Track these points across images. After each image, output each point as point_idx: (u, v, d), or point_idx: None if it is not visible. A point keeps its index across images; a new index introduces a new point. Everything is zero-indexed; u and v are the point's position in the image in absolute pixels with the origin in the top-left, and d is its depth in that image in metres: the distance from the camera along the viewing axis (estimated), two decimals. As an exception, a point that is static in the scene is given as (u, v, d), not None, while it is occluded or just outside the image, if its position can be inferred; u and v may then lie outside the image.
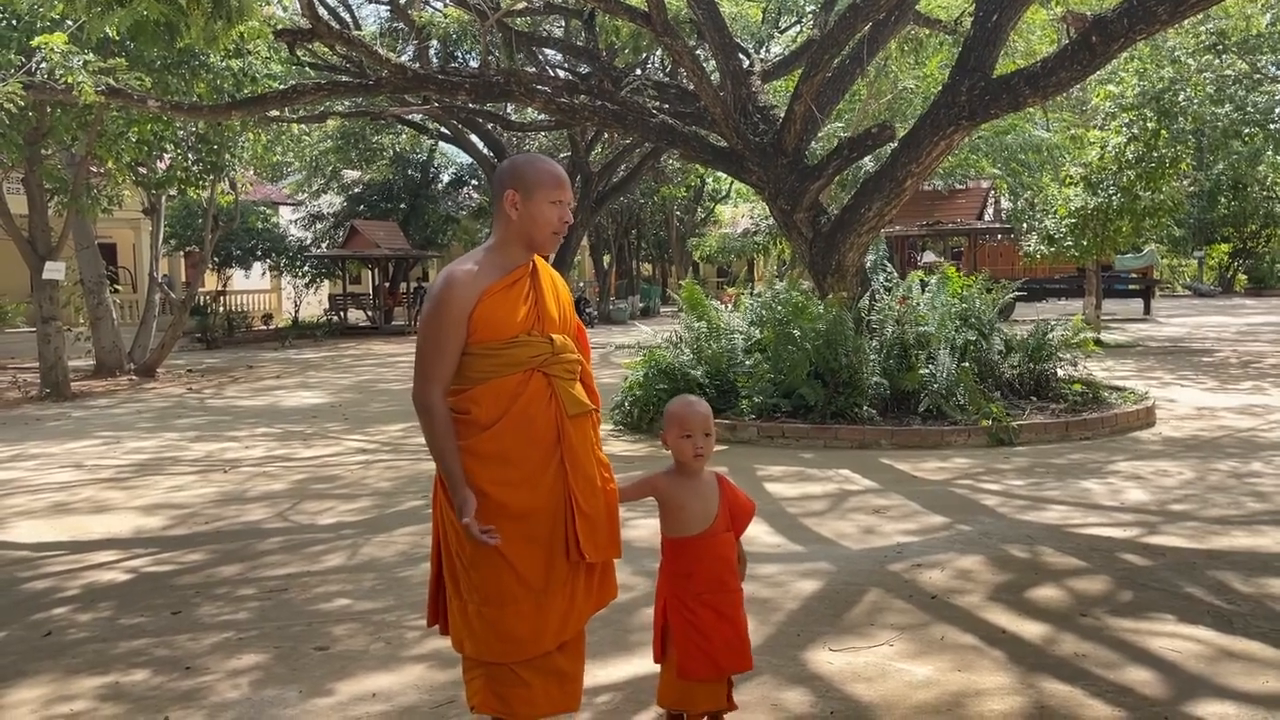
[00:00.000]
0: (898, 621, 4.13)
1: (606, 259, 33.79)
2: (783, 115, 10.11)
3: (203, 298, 22.46)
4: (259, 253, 25.38)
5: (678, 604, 2.95)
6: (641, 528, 5.44)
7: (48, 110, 12.22)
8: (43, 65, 9.26)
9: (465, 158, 28.32)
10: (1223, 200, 33.41)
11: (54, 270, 13.34)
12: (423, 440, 2.77)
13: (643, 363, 9.38)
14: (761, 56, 14.33)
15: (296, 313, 27.16)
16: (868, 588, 4.57)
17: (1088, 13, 8.56)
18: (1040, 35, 14.55)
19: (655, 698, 3.14)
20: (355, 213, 28.34)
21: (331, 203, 30.00)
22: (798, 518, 5.90)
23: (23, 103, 9.53)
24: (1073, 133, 19.21)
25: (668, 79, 15.49)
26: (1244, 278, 39.02)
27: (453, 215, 29.82)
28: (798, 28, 20.45)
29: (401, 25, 17.69)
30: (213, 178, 15.51)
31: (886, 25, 10.47)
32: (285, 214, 30.05)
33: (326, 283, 28.54)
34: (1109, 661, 3.67)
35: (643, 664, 3.64)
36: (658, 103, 12.39)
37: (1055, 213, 17.37)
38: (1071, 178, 16.92)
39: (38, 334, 13.53)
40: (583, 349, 2.92)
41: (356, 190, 29.40)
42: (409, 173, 29.06)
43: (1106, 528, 5.53)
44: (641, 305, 31.37)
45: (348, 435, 9.56)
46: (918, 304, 9.21)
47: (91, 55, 9.29)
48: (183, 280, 24.54)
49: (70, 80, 8.90)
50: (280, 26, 11.42)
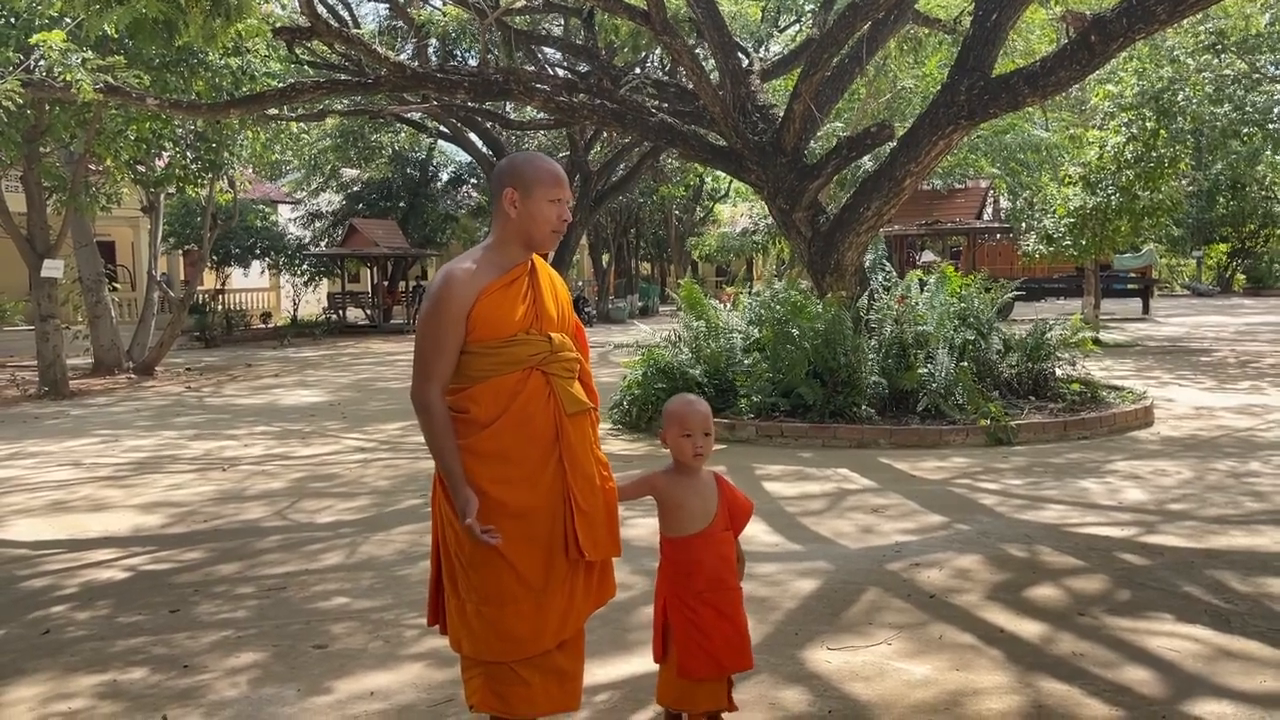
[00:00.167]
0: (896, 620, 4.13)
1: (605, 258, 33.78)
2: (782, 114, 10.11)
3: (201, 296, 22.44)
4: (258, 251, 25.36)
5: (678, 603, 2.95)
6: (640, 526, 5.45)
7: (46, 108, 12.21)
8: (41, 63, 9.24)
9: (464, 156, 28.31)
10: (1221, 200, 33.42)
11: (52, 268, 13.34)
12: (421, 439, 2.76)
13: (641, 362, 9.38)
14: (761, 55, 14.32)
15: (295, 311, 27.15)
16: (866, 587, 4.57)
17: (1087, 12, 8.56)
18: (1039, 35, 14.55)
19: (654, 696, 3.14)
20: (354, 211, 28.34)
21: (330, 201, 29.99)
22: (796, 517, 5.91)
23: (21, 100, 9.52)
24: (1072, 132, 19.20)
25: (667, 78, 15.48)
26: (1242, 277, 39.04)
27: (452, 214, 29.82)
28: (797, 27, 20.44)
29: (400, 23, 17.69)
30: (211, 176, 15.51)
31: (886, 24, 10.48)
32: (284, 212, 30.04)
33: (325, 281, 28.55)
34: (1107, 661, 3.67)
35: (642, 662, 3.64)
36: (657, 101, 12.38)
37: (1054, 212, 17.37)
38: (1070, 177, 16.91)
39: (36, 332, 13.52)
40: (581, 348, 2.91)
41: (355, 189, 29.39)
42: (408, 171, 29.05)
43: (1104, 527, 5.54)
44: (640, 304, 31.36)
45: (346, 434, 9.56)
46: (916, 303, 9.21)
47: (90, 53, 9.27)
48: (181, 278, 24.52)
49: (69, 78, 8.89)
50: (279, 24, 11.40)
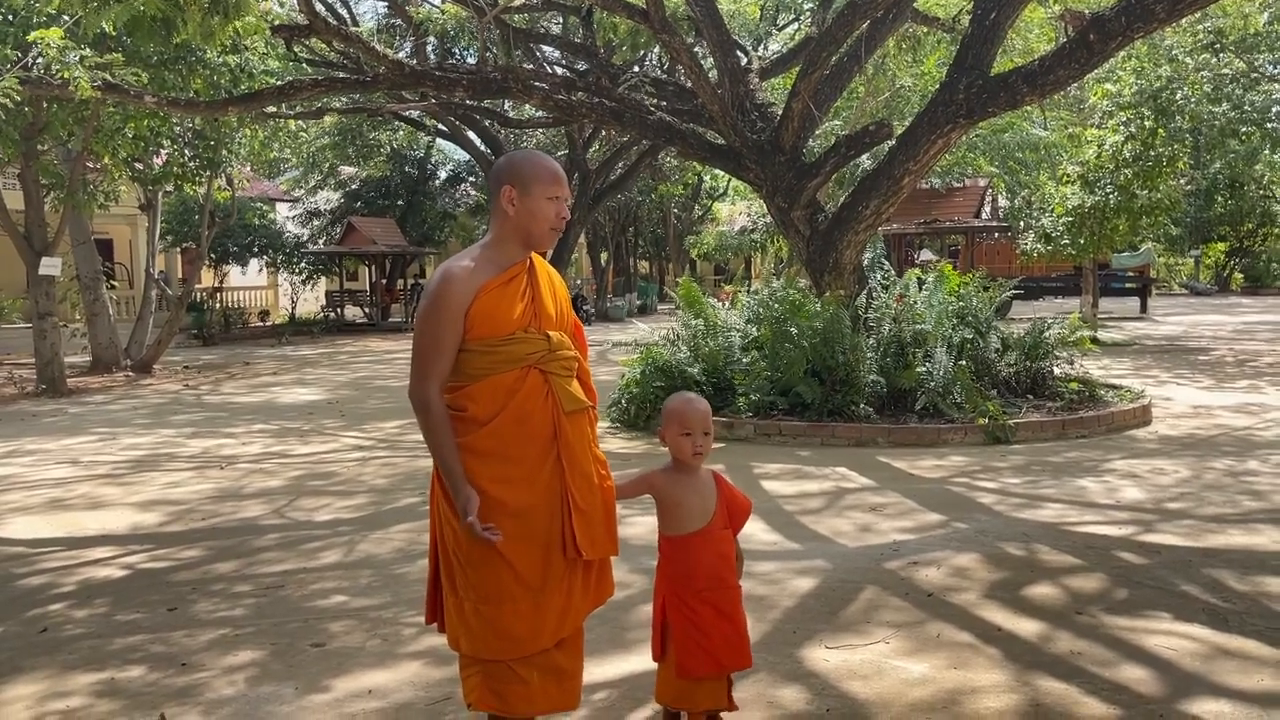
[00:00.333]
0: (894, 619, 4.13)
1: (604, 256, 33.78)
2: (780, 113, 10.11)
3: (199, 294, 22.44)
4: (256, 249, 25.33)
5: (677, 602, 2.95)
6: (638, 525, 5.45)
7: (44, 105, 12.19)
8: (39, 60, 9.23)
9: (463, 154, 28.29)
10: (1219, 199, 33.47)
11: (50, 266, 13.32)
12: (419, 437, 2.76)
13: (640, 360, 9.38)
14: (759, 54, 14.31)
15: (293, 309, 27.13)
16: (864, 585, 4.57)
17: (1086, 11, 8.56)
18: (1038, 33, 14.55)
19: (653, 695, 3.14)
20: (352, 209, 28.32)
21: (328, 199, 29.96)
22: (794, 515, 5.91)
23: (19, 98, 9.51)
24: (1070, 131, 19.21)
25: (665, 76, 15.48)
26: (1240, 276, 39.08)
27: (450, 212, 29.80)
28: (795, 25, 20.45)
29: (399, 21, 17.69)
30: (209, 174, 15.50)
31: (884, 23, 10.48)
32: (282, 210, 30.00)
33: (323, 279, 28.52)
34: (1104, 659, 3.67)
35: (640, 661, 3.64)
36: (655, 100, 12.38)
37: (1052, 211, 17.37)
38: (1069, 176, 16.92)
39: (34, 330, 13.51)
40: (580, 346, 2.91)
41: (354, 187, 29.36)
42: (406, 169, 29.02)
43: (1102, 526, 5.54)
44: (639, 303, 31.36)
45: (344, 432, 9.56)
46: (915, 302, 9.21)
47: (88, 50, 9.26)
48: (179, 276, 24.48)
49: (66, 75, 8.87)
50: (277, 22, 11.39)
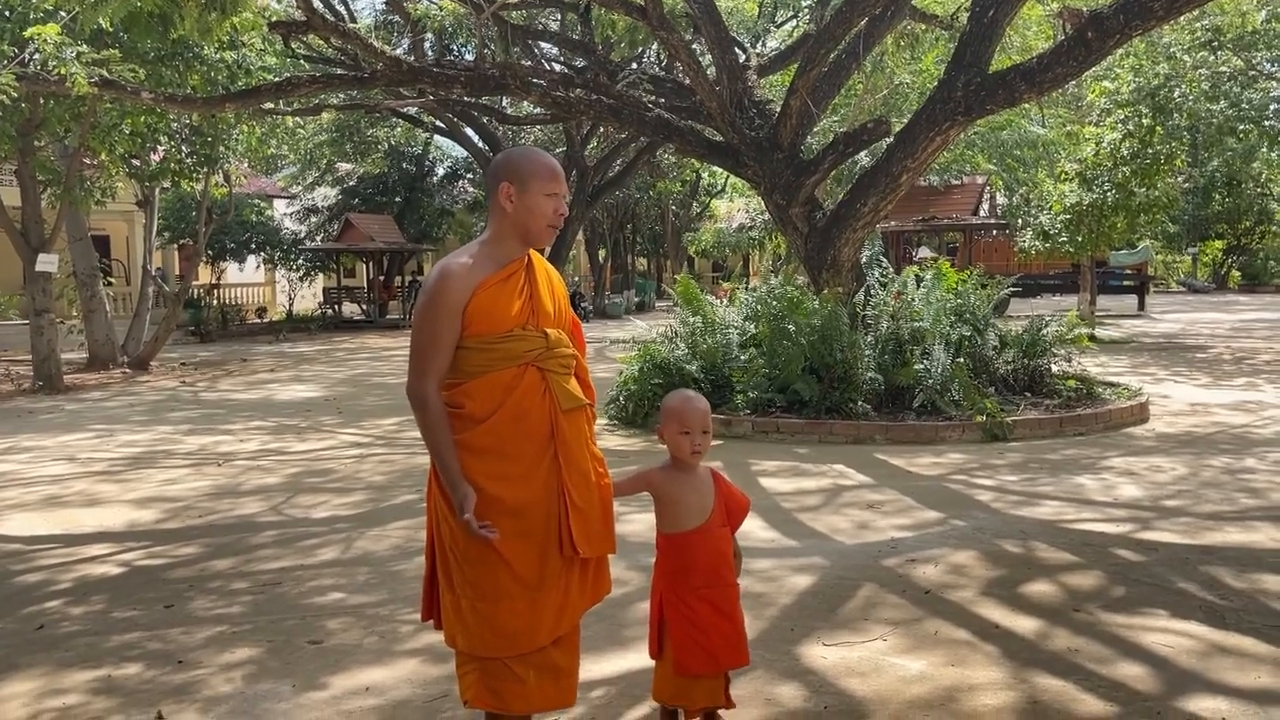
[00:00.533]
0: (891, 616, 4.13)
1: (602, 253, 33.75)
2: (778, 110, 10.10)
3: (196, 291, 22.39)
4: (253, 246, 25.29)
5: (675, 600, 2.95)
6: (635, 522, 5.44)
7: (41, 102, 12.17)
8: (36, 56, 9.20)
9: (460, 151, 28.25)
10: (1217, 197, 33.52)
11: (47, 263, 13.30)
12: (417, 434, 2.76)
13: (638, 357, 9.38)
14: (758, 51, 14.30)
15: (291, 306, 27.09)
16: (862, 583, 4.57)
17: (1084, 8, 8.55)
18: (1036, 31, 14.53)
19: (650, 692, 3.14)
20: (350, 206, 28.28)
21: (326, 196, 29.93)
22: (792, 513, 5.91)
23: (16, 94, 9.48)
24: (1068, 129, 19.23)
25: (664, 73, 15.45)
26: (1238, 274, 39.15)
27: (448, 209, 29.76)
28: (794, 22, 20.43)
29: (397, 18, 17.66)
30: (207, 170, 15.47)
31: (883, 20, 10.47)
32: (279, 207, 29.96)
33: (321, 276, 28.47)
34: (1102, 657, 3.68)
35: (638, 658, 3.64)
36: (654, 97, 12.36)
37: (1050, 208, 17.37)
38: (1066, 173, 16.92)
39: (30, 326, 13.49)
40: (578, 344, 2.90)
41: (351, 183, 29.33)
42: (404, 166, 28.99)
43: (1100, 523, 5.55)
44: (637, 300, 31.36)
45: (342, 429, 9.55)
46: (913, 299, 9.21)
47: (85, 46, 9.23)
48: (176, 273, 24.45)
49: (63, 71, 8.85)
50: (275, 19, 11.37)
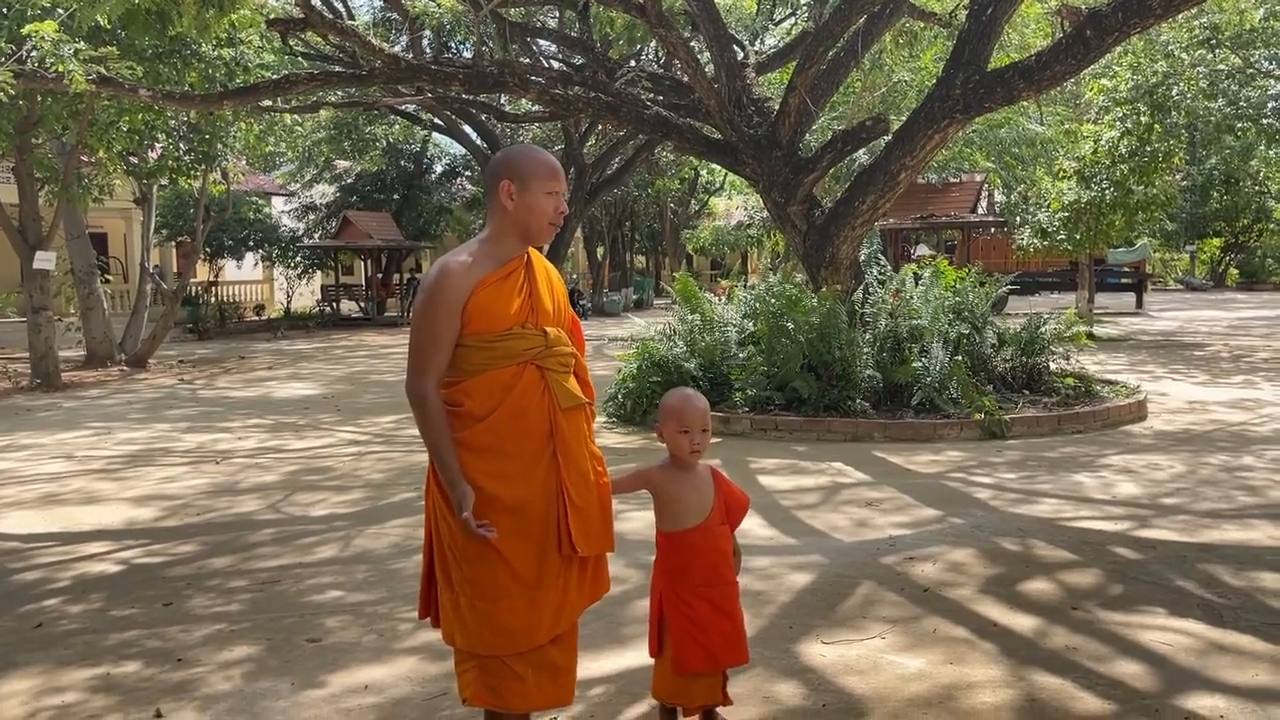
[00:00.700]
0: (890, 614, 4.14)
1: (600, 251, 33.73)
2: (777, 108, 10.10)
3: (194, 288, 22.36)
4: (251, 243, 25.27)
5: (674, 598, 2.95)
6: (634, 520, 5.45)
7: (38, 99, 12.15)
8: (33, 53, 9.18)
9: (458, 148, 28.22)
10: (1215, 195, 33.54)
11: (44, 260, 13.28)
12: (415, 432, 2.76)
13: (636, 355, 9.37)
14: (756, 49, 14.29)
15: (289, 303, 27.07)
16: (860, 580, 4.58)
17: (1082, 6, 8.55)
18: (1035, 29, 14.52)
19: (649, 690, 3.14)
20: (348, 203, 28.25)
21: (324, 193, 29.89)
22: (790, 510, 5.91)
23: (13, 91, 9.46)
24: (1066, 127, 19.22)
25: (662, 71, 15.44)
26: (1235, 272, 39.18)
27: (446, 206, 29.74)
28: (792, 20, 20.41)
29: (395, 15, 17.62)
30: (204, 167, 15.45)
31: (881, 18, 10.46)
32: (278, 204, 29.93)
33: (319, 273, 28.46)
34: (1100, 654, 3.68)
35: (636, 656, 3.64)
36: (652, 94, 12.35)
37: (1048, 206, 17.38)
38: (1065, 171, 16.93)
39: (28, 324, 13.47)
40: (577, 342, 2.90)
41: (349, 181, 29.30)
42: (402, 163, 28.96)
43: (1098, 521, 5.56)
44: (635, 297, 31.36)
45: (340, 427, 9.55)
46: (911, 297, 9.21)
47: (82, 44, 9.22)
48: (174, 270, 24.43)
49: (61, 69, 8.83)
50: (272, 16, 11.36)
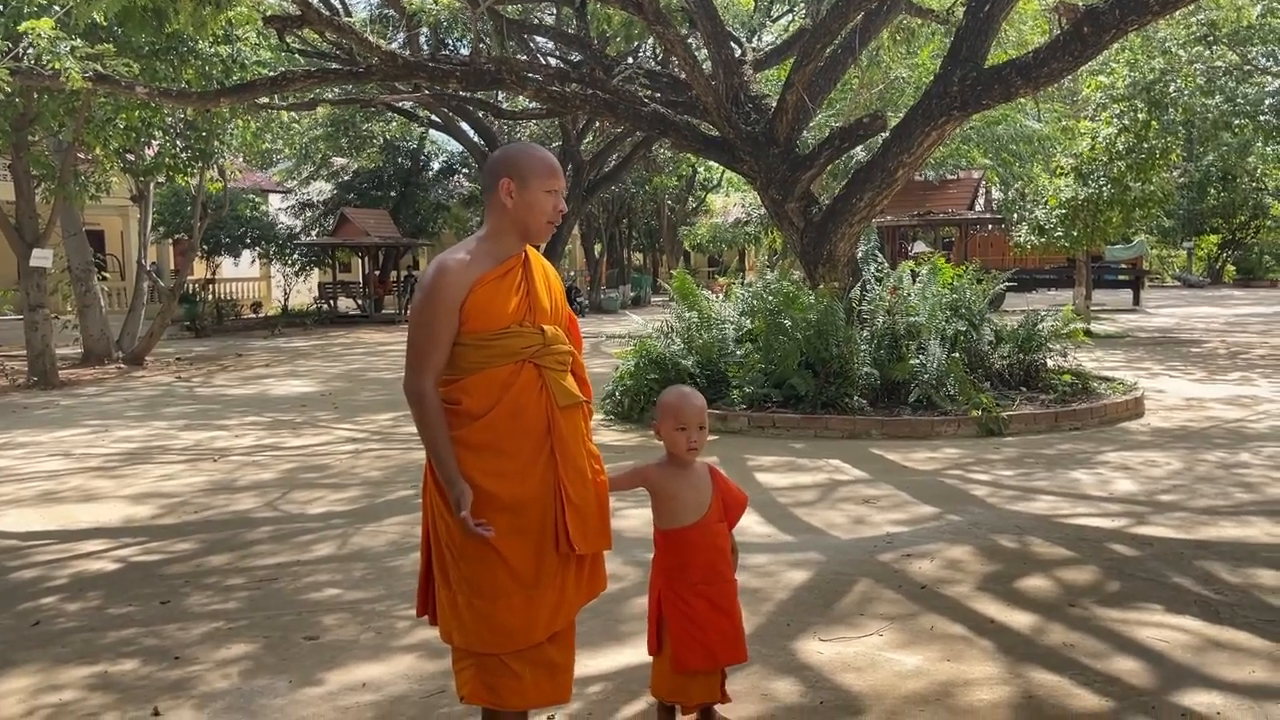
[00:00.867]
0: (887, 611, 4.14)
1: (598, 248, 33.72)
2: (774, 105, 10.10)
3: (191, 285, 22.36)
4: (248, 240, 25.27)
5: (672, 596, 2.95)
6: (631, 518, 5.45)
7: (35, 96, 12.13)
8: (30, 51, 9.17)
9: (456, 145, 28.21)
10: (1212, 191, 33.53)
11: (41, 257, 13.27)
12: (413, 429, 2.76)
13: (634, 352, 9.37)
14: (753, 45, 14.29)
15: (286, 301, 27.06)
16: (857, 578, 4.58)
17: (1080, 3, 8.55)
18: (1032, 25, 14.53)
19: (648, 688, 3.14)
20: (345, 200, 28.23)
21: (321, 190, 29.85)
22: (788, 508, 5.92)
23: (9, 89, 9.45)
24: (1064, 123, 19.21)
25: (659, 68, 15.43)
26: (1232, 269, 39.21)
27: (443, 203, 29.72)
28: (790, 16, 20.41)
29: (392, 12, 17.60)
30: (201, 165, 15.43)
31: (878, 15, 10.46)
32: (275, 201, 29.88)
33: (316, 271, 28.44)
34: (1097, 651, 3.69)
35: (634, 654, 3.65)
36: (649, 91, 12.34)
37: (1046, 203, 17.39)
38: (1062, 168, 16.94)
39: (25, 322, 13.45)
40: (575, 340, 2.90)
41: (346, 178, 29.27)
42: (399, 160, 28.93)
43: (1095, 518, 5.56)
44: (632, 294, 31.35)
45: (337, 424, 9.54)
46: (908, 294, 9.22)
47: (79, 41, 9.20)
48: (171, 268, 24.40)
49: (57, 66, 8.82)
50: (269, 12, 11.34)
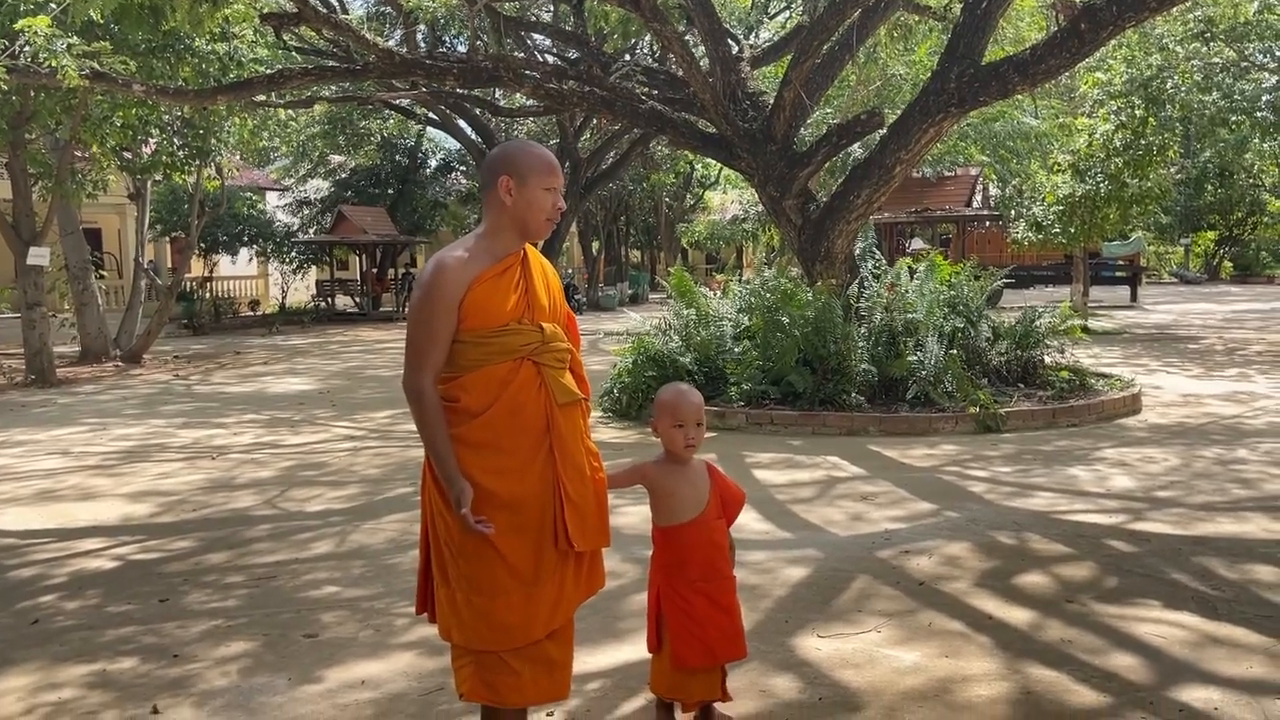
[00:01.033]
0: (885, 608, 4.15)
1: (595, 245, 33.70)
2: (772, 102, 10.09)
3: (189, 284, 22.32)
4: (246, 238, 25.20)
5: (672, 593, 2.95)
6: (630, 515, 5.45)
7: (31, 94, 12.10)
8: (26, 49, 9.15)
9: (453, 143, 28.18)
10: (1209, 188, 33.55)
11: (39, 256, 13.24)
12: (411, 427, 2.76)
13: (631, 350, 9.38)
14: (751, 42, 14.29)
15: (284, 299, 27.02)
16: (856, 574, 4.59)
17: (1077, 0, 8.55)
18: (1029, 22, 14.54)
19: (646, 684, 3.15)
20: (343, 198, 28.18)
21: (319, 188, 29.80)
22: (786, 505, 5.92)
23: (6, 86, 9.43)
24: (1061, 120, 19.23)
25: (657, 65, 15.43)
26: (1230, 265, 39.22)
27: (441, 200, 29.69)
28: (787, 13, 20.39)
29: (389, 9, 17.59)
30: (199, 163, 15.40)
31: (876, 11, 10.45)
32: (272, 199, 29.82)
33: (314, 268, 28.39)
34: (1094, 647, 3.70)
35: (633, 651, 3.65)
36: (647, 89, 12.34)
37: (1043, 200, 17.40)
38: (1059, 165, 16.95)
39: (22, 320, 13.43)
40: (573, 337, 2.90)
41: (344, 175, 29.22)
42: (397, 158, 28.89)
43: (1093, 514, 5.57)
44: (630, 292, 31.32)
45: (336, 422, 9.54)
46: (906, 291, 9.22)
47: (76, 39, 9.19)
48: (169, 266, 24.37)
49: (54, 64, 8.81)
50: (266, 10, 11.31)
